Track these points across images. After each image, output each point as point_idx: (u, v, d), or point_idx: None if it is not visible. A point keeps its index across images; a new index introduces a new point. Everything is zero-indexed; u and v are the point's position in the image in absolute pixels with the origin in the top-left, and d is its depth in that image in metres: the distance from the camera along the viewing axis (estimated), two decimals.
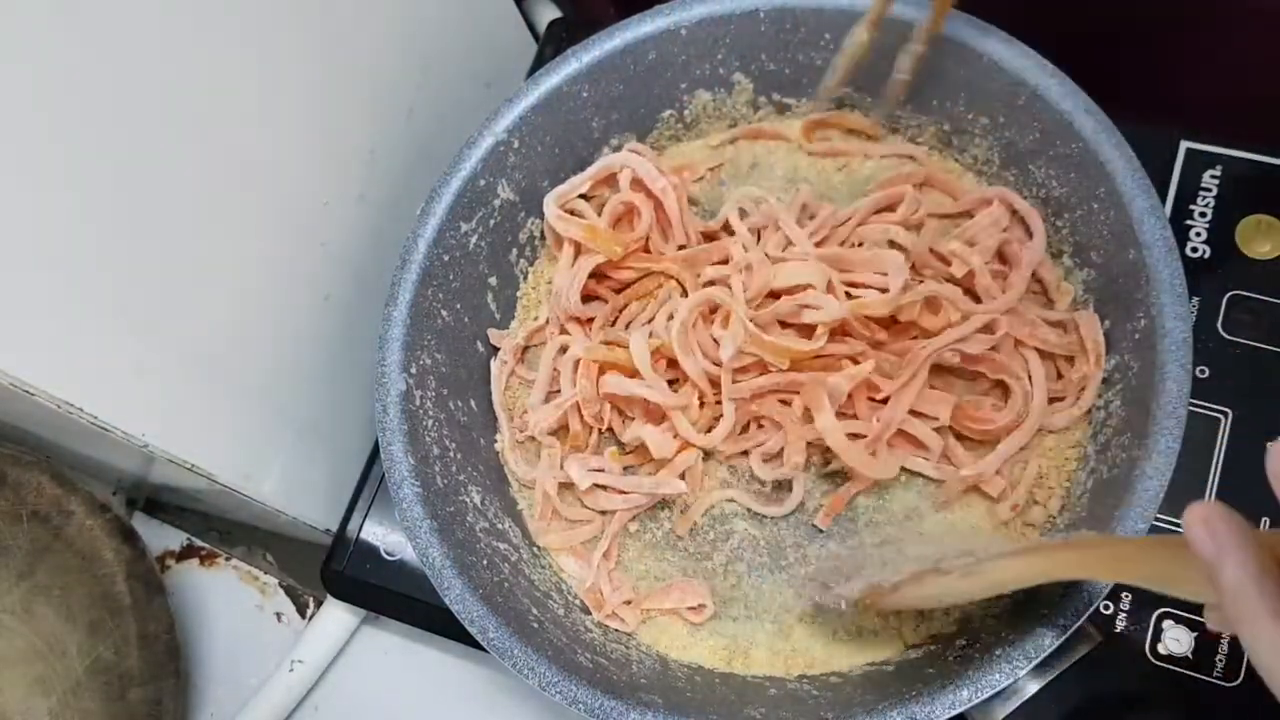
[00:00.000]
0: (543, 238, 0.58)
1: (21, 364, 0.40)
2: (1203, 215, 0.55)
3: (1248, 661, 0.48)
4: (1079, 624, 0.41)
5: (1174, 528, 0.50)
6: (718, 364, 0.50)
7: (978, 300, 0.51)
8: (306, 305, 0.57)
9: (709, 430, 0.51)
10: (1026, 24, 0.51)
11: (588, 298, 0.55)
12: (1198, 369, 0.52)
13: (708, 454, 0.52)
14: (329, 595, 0.60)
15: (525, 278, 0.59)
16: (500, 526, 0.52)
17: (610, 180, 0.56)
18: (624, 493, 0.52)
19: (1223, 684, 0.47)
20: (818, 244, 0.53)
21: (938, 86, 0.54)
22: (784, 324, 0.51)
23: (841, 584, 0.46)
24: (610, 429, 0.53)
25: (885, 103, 0.55)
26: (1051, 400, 0.50)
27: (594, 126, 0.57)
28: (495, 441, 0.55)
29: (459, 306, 0.54)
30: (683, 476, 0.51)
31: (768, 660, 0.49)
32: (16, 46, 0.38)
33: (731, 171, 0.59)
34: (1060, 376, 0.51)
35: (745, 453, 0.52)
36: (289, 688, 0.61)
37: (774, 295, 0.52)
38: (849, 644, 0.49)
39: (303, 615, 0.65)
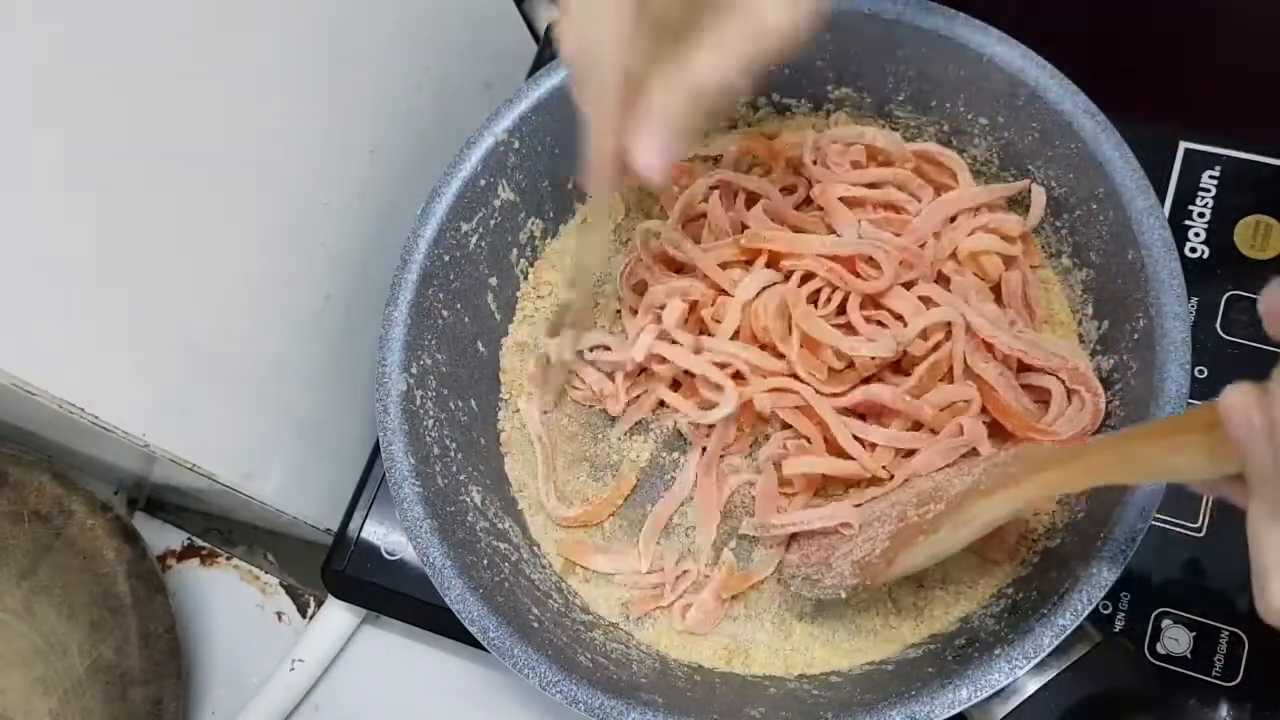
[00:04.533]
0: (543, 237, 0.59)
1: (22, 364, 0.40)
2: (1201, 216, 0.55)
3: (1246, 661, 0.48)
4: (1078, 623, 0.41)
5: (1173, 527, 0.50)
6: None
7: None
8: (307, 305, 0.57)
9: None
10: (1026, 24, 0.51)
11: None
12: (1196, 369, 0.52)
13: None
14: (330, 595, 0.60)
15: (525, 278, 0.59)
16: (500, 526, 0.52)
17: None
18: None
19: (1221, 683, 0.48)
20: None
21: (937, 87, 0.54)
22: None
23: (826, 573, 0.46)
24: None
25: None
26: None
27: None
28: (498, 444, 0.55)
29: (459, 306, 0.55)
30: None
31: (767, 660, 0.49)
32: (15, 45, 0.38)
33: None
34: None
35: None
36: (290, 687, 0.61)
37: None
38: (849, 644, 0.49)
39: (303, 614, 0.65)
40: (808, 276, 0.51)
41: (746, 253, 0.52)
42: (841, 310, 0.51)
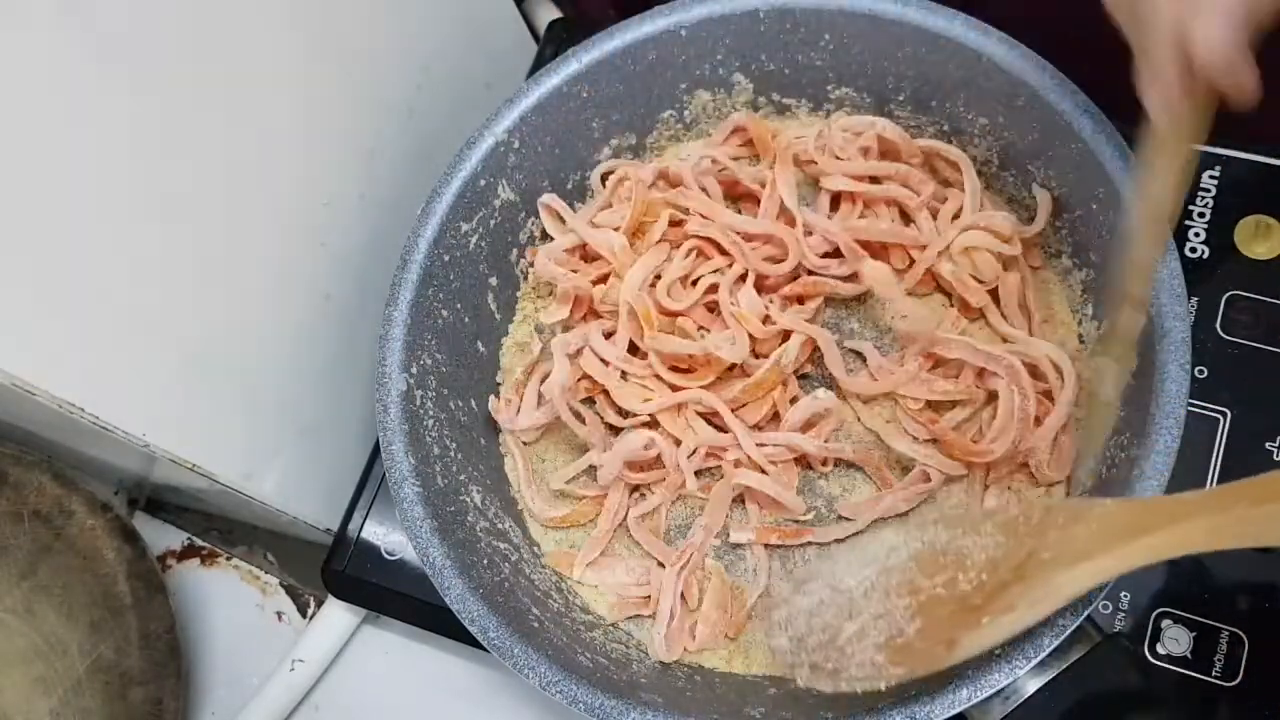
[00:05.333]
0: (543, 237, 0.59)
1: (22, 364, 0.40)
2: (1201, 216, 0.55)
3: (1246, 661, 0.48)
4: (1078, 624, 0.41)
5: None
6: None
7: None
8: (306, 305, 0.57)
9: None
10: (1026, 25, 0.51)
11: None
12: (1196, 369, 0.52)
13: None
14: (330, 595, 0.60)
15: (525, 278, 0.59)
16: (500, 526, 0.52)
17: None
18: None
19: (1221, 683, 0.48)
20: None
21: (937, 87, 0.54)
22: None
23: (844, 660, 0.41)
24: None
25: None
26: None
27: (594, 126, 0.57)
28: (498, 444, 0.55)
29: (459, 306, 0.55)
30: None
31: (767, 660, 0.49)
32: (14, 45, 0.38)
33: None
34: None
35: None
36: (290, 687, 0.61)
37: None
38: None
39: (303, 614, 0.65)
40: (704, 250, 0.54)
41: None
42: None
